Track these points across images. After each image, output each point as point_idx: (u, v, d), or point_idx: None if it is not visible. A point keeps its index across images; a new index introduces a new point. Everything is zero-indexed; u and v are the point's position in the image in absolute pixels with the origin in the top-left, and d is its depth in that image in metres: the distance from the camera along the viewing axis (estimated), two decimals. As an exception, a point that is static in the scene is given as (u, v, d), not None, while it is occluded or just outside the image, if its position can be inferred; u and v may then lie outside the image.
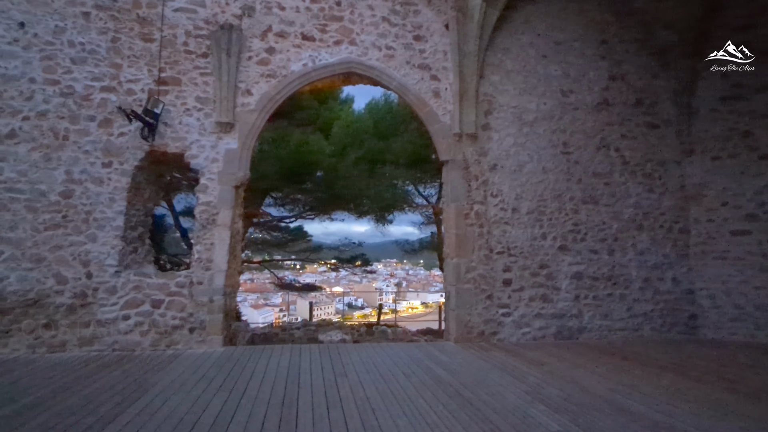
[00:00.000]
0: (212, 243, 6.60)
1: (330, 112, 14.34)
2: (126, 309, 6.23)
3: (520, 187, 7.72)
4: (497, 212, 7.59)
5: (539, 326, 7.45)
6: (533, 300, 7.49)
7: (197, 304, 6.41)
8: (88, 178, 6.39)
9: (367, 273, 19.72)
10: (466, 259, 7.33)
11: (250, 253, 17.07)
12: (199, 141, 6.80)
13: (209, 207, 6.68)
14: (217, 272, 6.52)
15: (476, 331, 7.21)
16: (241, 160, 6.89)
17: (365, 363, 5.66)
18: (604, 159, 8.08)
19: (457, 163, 7.57)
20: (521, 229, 7.63)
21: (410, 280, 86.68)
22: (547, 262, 7.63)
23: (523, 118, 7.89)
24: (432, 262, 70.09)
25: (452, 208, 7.46)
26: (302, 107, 13.16)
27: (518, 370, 5.43)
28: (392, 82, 7.60)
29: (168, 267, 11.54)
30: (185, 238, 12.49)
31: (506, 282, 7.45)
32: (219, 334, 6.40)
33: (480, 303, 7.29)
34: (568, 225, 7.79)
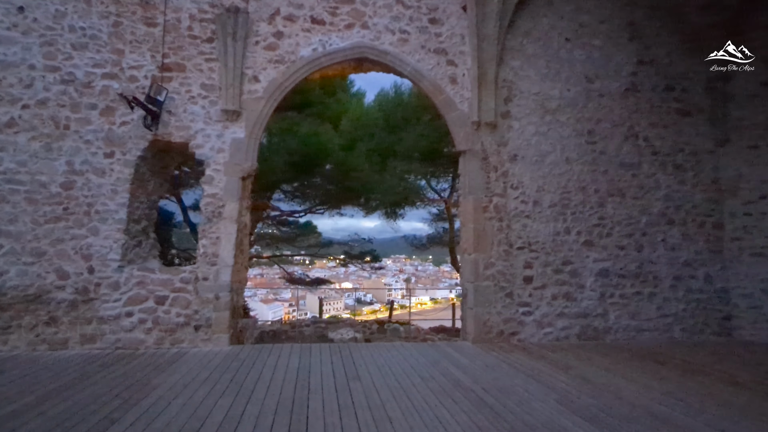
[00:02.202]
0: (218, 237, 6.30)
1: (340, 106, 14.01)
2: (129, 305, 5.97)
3: (542, 179, 7.27)
4: (517, 205, 7.16)
5: (562, 326, 7.02)
6: (556, 298, 7.07)
7: (203, 301, 6.12)
8: (89, 168, 6.13)
9: (376, 269, 19.56)
10: (485, 255, 6.92)
11: (260, 248, 17.04)
12: (204, 130, 6.49)
13: (215, 199, 6.38)
14: (223, 267, 6.23)
15: (495, 330, 6.82)
16: (248, 149, 6.57)
17: (379, 364, 5.32)
18: (632, 149, 7.58)
19: (475, 153, 7.15)
20: (543, 224, 7.19)
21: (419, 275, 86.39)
22: (570, 258, 7.18)
23: (546, 106, 7.42)
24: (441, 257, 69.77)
25: (470, 201, 7.05)
26: (312, 102, 12.85)
27: (544, 374, 5.04)
28: (406, 67, 7.19)
29: (177, 262, 11.35)
30: (194, 233, 12.29)
31: (527, 279, 7.03)
32: (225, 332, 6.11)
33: (499, 301, 6.89)
34: (594, 219, 7.33)
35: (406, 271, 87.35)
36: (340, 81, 14.11)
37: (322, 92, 13.17)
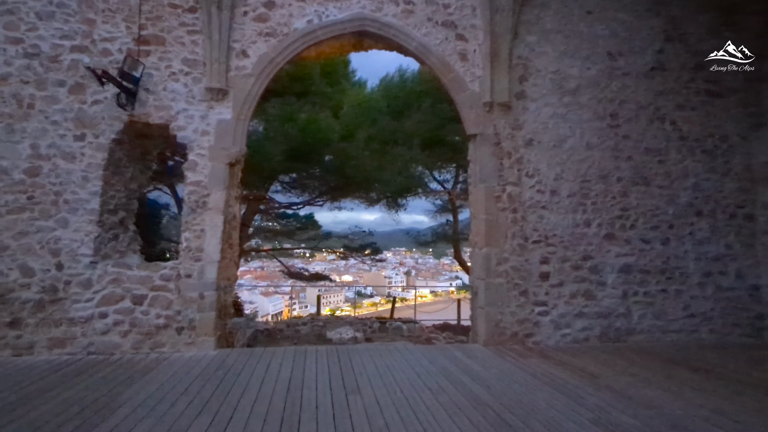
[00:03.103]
0: (203, 229, 5.67)
1: (342, 95, 13.35)
2: (103, 306, 5.36)
3: (560, 166, 6.62)
4: (533, 195, 6.52)
5: (581, 327, 6.43)
6: (574, 296, 6.46)
7: (185, 301, 5.51)
8: (57, 153, 5.47)
9: (376, 262, 19.10)
10: (498, 249, 6.30)
11: (261, 241, 16.62)
12: (186, 110, 5.83)
13: (199, 187, 5.74)
14: (208, 263, 5.61)
15: (509, 332, 6.22)
16: (235, 132, 5.91)
17: (382, 374, 4.72)
18: (658, 133, 6.92)
19: (486, 138, 6.49)
20: (561, 215, 6.56)
21: (419, 268, 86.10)
22: (590, 252, 6.56)
23: (564, 86, 6.75)
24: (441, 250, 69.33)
25: (481, 190, 6.41)
26: (312, 90, 12.18)
27: (569, 385, 4.44)
28: (411, 42, 6.50)
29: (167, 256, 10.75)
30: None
31: (543, 276, 6.41)
32: (211, 335, 5.51)
33: (513, 300, 6.28)
34: (616, 210, 6.69)
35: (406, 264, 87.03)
36: (342, 69, 13.53)
37: (323, 81, 12.48)
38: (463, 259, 16.52)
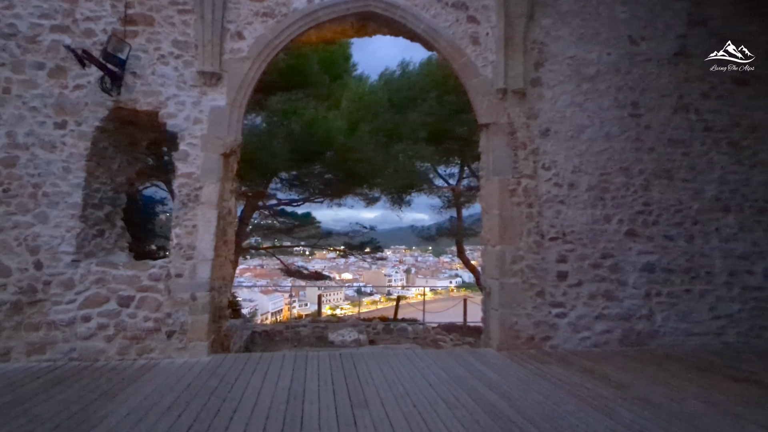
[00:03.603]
0: (194, 225, 5.23)
1: (342, 88, 12.95)
2: (86, 308, 4.93)
3: (579, 158, 6.19)
4: (550, 188, 6.09)
5: (601, 330, 6.01)
6: (594, 297, 6.04)
7: (176, 302, 5.08)
8: (35, 141, 5.03)
9: (377, 260, 18.76)
10: (512, 247, 5.87)
11: (260, 239, 16.42)
12: (177, 96, 5.38)
13: (190, 180, 5.30)
14: (200, 262, 5.18)
15: (524, 335, 5.80)
16: (230, 120, 5.47)
17: (390, 383, 4.29)
18: (682, 123, 6.48)
19: (500, 127, 6.06)
20: (579, 210, 6.13)
21: (419, 266, 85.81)
22: (611, 250, 6.14)
23: (582, 72, 6.31)
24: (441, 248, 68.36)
25: (494, 183, 5.98)
26: (313, 83, 11.74)
27: (597, 396, 4.02)
28: (419, 25, 6.05)
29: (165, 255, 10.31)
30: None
31: (561, 275, 5.99)
32: (204, 340, 5.08)
33: (529, 301, 5.86)
34: (637, 205, 6.27)
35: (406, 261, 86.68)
36: (343, 63, 13.15)
37: (324, 75, 12.05)
38: (467, 258, 16.13)
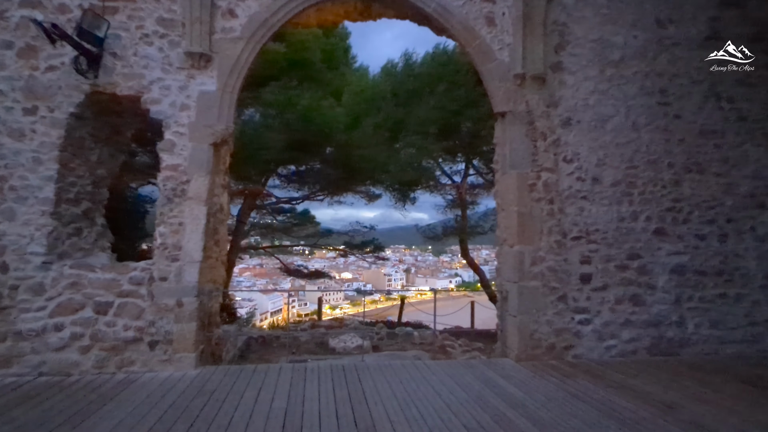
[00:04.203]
0: (181, 223, 4.70)
1: (342, 80, 12.43)
2: (58, 316, 4.40)
3: (603, 150, 5.67)
4: (572, 183, 5.57)
5: (628, 338, 5.49)
6: (620, 302, 5.52)
7: (160, 309, 4.55)
8: (2, 129, 4.50)
9: (379, 259, 18.36)
10: (532, 247, 5.35)
11: (259, 238, 16.24)
12: (162, 80, 4.85)
13: (176, 172, 4.76)
14: (187, 264, 4.65)
15: (545, 344, 5.28)
16: (221, 107, 4.94)
17: (401, 402, 3.77)
18: (714, 112, 5.96)
19: (518, 116, 5.53)
20: (604, 207, 5.61)
21: (419, 266, 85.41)
22: (638, 251, 5.62)
23: (607, 56, 5.78)
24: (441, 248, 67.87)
25: (512, 178, 5.45)
26: (312, 76, 11.22)
27: (642, 419, 3.50)
28: (429, 3, 5.52)
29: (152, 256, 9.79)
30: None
31: (584, 278, 5.47)
32: (191, 351, 4.55)
33: (550, 306, 5.34)
34: (667, 201, 5.75)
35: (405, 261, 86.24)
36: (342, 55, 12.64)
37: (323, 66, 11.52)
38: (471, 258, 15.68)
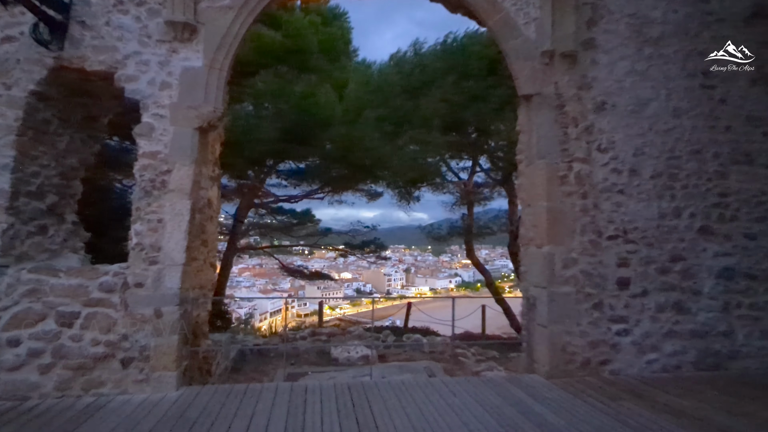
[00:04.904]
0: (160, 219, 4.04)
1: (342, 72, 11.81)
2: (13, 329, 3.74)
3: (641, 138, 5.02)
4: (607, 175, 4.92)
5: (671, 350, 4.84)
6: (662, 310, 4.88)
7: (135, 320, 3.89)
8: (-52, 109, 3.85)
9: (382, 259, 17.88)
10: (563, 248, 4.70)
11: (258, 238, 15.93)
12: (139, 54, 4.19)
13: (155, 161, 4.10)
14: (168, 267, 3.98)
15: (579, 359, 4.63)
16: (208, 86, 4.28)
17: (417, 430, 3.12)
18: (763, 97, 5.31)
19: (546, 99, 4.88)
20: (643, 202, 4.96)
21: (419, 266, 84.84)
22: (681, 251, 4.98)
23: (644, 33, 5.14)
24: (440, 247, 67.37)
25: (540, 168, 4.80)
26: (311, 67, 10.59)
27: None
28: (446, -28, 4.88)
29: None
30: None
31: (622, 282, 4.83)
32: (171, 368, 3.89)
33: (584, 315, 4.69)
34: (712, 196, 5.11)
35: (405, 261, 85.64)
36: (343, 47, 12.03)
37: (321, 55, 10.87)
38: (477, 258, 15.10)
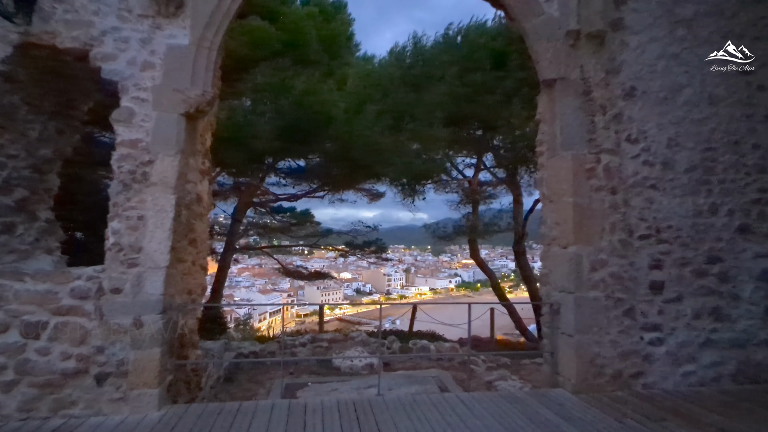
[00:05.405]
0: (141, 216, 3.57)
1: (343, 68, 11.44)
2: (-29, 341, 3.28)
3: (675, 127, 4.57)
4: (638, 168, 4.46)
5: (710, 362, 4.39)
6: (699, 317, 4.42)
7: (111, 331, 3.42)
8: None
9: (383, 260, 17.57)
10: (592, 248, 4.23)
11: (258, 238, 15.65)
12: (118, 30, 3.72)
13: (136, 150, 3.64)
14: (149, 270, 3.52)
15: (609, 371, 4.18)
16: (196, 67, 3.81)
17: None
18: (805, 83, 4.87)
19: (570, 84, 4.42)
20: (677, 198, 4.51)
21: (418, 266, 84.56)
22: (718, 252, 4.52)
23: (677, 13, 4.68)
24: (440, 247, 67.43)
25: (565, 161, 4.34)
26: (311, 61, 10.17)
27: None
28: (460, -56, 4.41)
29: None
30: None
31: (655, 286, 4.37)
32: (153, 385, 3.42)
33: (614, 323, 4.24)
34: (752, 191, 4.64)
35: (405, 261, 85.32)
36: (344, 42, 11.73)
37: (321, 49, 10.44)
38: (481, 259, 14.69)
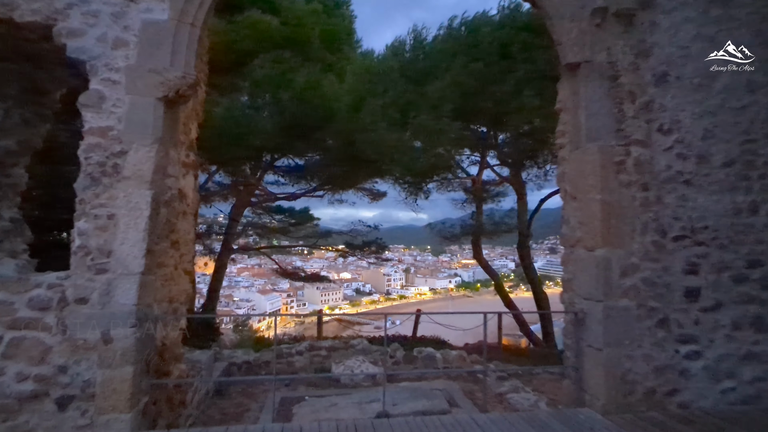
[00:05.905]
0: (111, 215, 3.12)
1: (344, 63, 11.02)
2: None
3: (711, 117, 4.12)
4: (671, 162, 4.02)
5: (752, 377, 3.94)
6: (739, 327, 3.97)
7: (76, 347, 2.97)
8: None
9: (383, 260, 17.27)
10: (623, 251, 3.78)
11: (257, 238, 15.35)
12: (86, 3, 3.26)
13: (106, 139, 3.18)
14: (121, 277, 3.06)
15: (641, 389, 3.73)
16: (176, 45, 3.35)
17: None
18: None
19: (596, 68, 3.97)
20: (714, 195, 4.06)
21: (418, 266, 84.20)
22: (759, 255, 4.07)
23: (712, -10, 4.24)
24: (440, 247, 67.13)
25: (592, 153, 3.89)
26: (312, 57, 9.75)
27: None
28: None
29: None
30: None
31: (691, 293, 3.92)
32: (125, 410, 2.97)
33: (647, 335, 3.79)
34: (795, 188, 4.21)
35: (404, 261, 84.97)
36: (345, 37, 11.33)
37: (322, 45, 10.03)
38: (485, 259, 14.26)
